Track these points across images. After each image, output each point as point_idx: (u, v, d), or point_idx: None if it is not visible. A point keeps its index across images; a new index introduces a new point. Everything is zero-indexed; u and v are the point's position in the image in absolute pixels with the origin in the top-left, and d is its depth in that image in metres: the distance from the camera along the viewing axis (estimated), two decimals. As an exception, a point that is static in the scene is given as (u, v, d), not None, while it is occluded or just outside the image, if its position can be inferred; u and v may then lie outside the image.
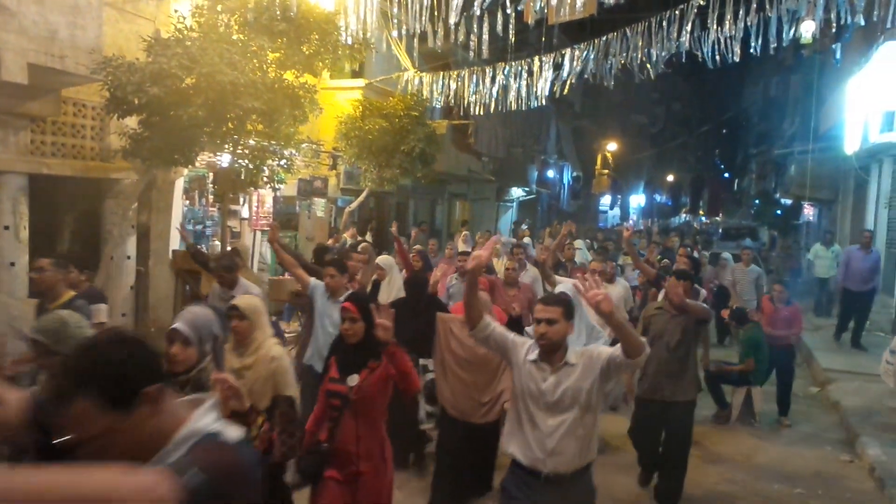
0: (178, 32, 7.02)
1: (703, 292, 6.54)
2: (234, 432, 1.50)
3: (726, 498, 5.33)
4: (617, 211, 41.73)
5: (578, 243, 13.33)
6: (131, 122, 7.12)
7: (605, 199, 39.14)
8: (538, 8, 8.40)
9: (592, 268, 6.50)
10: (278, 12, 7.79)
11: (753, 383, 7.15)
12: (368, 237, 12.16)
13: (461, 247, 11.36)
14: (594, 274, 5.73)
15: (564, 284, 6.05)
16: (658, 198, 51.71)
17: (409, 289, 5.55)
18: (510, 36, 8.61)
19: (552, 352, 3.05)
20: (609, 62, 9.20)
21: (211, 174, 9.72)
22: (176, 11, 7.82)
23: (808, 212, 22.54)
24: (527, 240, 13.91)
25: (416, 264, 7.47)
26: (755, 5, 7.66)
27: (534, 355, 3.09)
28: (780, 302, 7.69)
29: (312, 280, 5.21)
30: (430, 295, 5.27)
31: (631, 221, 32.93)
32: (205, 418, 1.49)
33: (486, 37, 8.74)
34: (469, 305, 3.13)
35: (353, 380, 3.31)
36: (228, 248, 8.00)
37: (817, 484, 5.71)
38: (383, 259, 6.70)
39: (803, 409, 7.74)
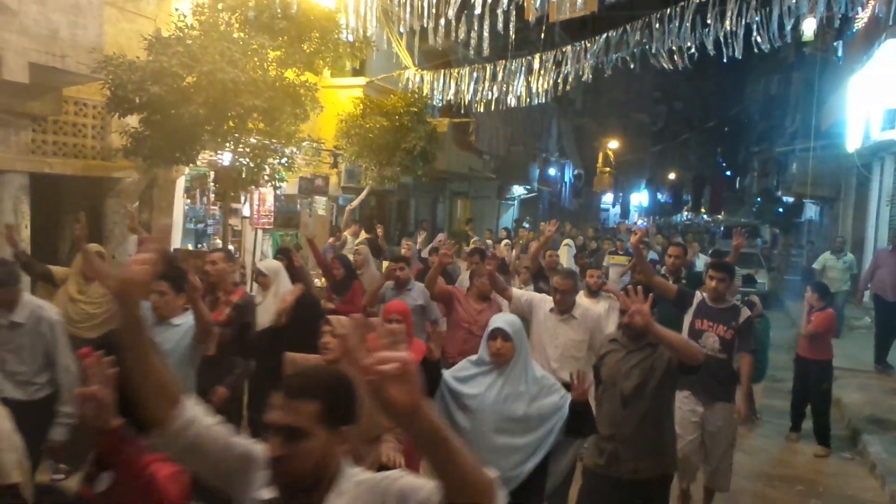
0: (179, 31, 7.02)
1: (746, 311, 4.70)
2: None
3: (727, 495, 5.33)
4: (619, 209, 41.72)
5: (567, 242, 11.60)
6: (132, 120, 7.12)
7: (607, 198, 39.14)
8: (539, 5, 8.39)
9: (555, 285, 4.60)
10: (279, 10, 7.79)
11: (754, 380, 7.12)
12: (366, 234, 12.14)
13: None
14: (556, 293, 4.44)
15: (527, 300, 4.68)
16: (660, 196, 51.71)
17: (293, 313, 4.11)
18: (511, 34, 8.61)
19: (295, 488, 1.55)
20: (610, 57, 9.20)
21: (212, 173, 9.72)
22: (177, 10, 7.83)
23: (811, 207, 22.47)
24: (506, 242, 12.11)
25: (337, 273, 6.18)
26: (755, 2, 7.65)
27: (266, 492, 1.62)
28: (816, 309, 6.36)
29: None
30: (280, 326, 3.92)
31: (640, 222, 25.50)
32: None
33: (486, 34, 8.74)
34: (139, 383, 1.56)
35: (103, 481, 2.09)
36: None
37: (818, 481, 5.71)
38: (267, 264, 5.35)
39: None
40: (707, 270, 4.93)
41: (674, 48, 8.42)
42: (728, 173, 54.85)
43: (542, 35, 10.91)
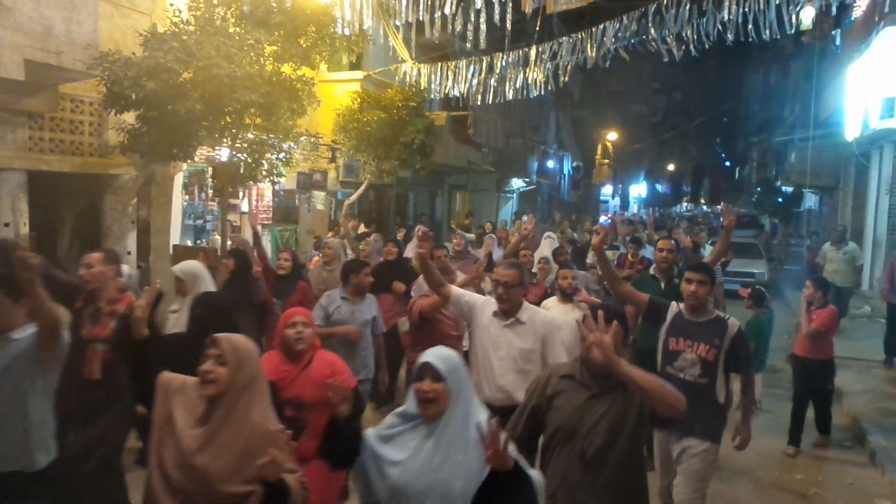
0: (175, 26, 7.00)
1: (735, 323, 3.80)
2: None
3: (726, 485, 5.35)
4: (618, 200, 41.72)
5: (548, 235, 9.90)
6: (129, 117, 7.11)
7: (607, 189, 39.13)
8: (535, -4, 8.37)
9: (496, 276, 3.72)
10: (274, 4, 7.78)
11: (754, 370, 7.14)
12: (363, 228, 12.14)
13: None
14: (497, 286, 3.60)
15: (468, 302, 3.82)
16: (659, 187, 51.73)
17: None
18: (507, 25, 8.59)
19: None
20: (609, 48, 9.16)
21: (210, 168, 9.72)
22: (172, 5, 7.81)
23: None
24: (490, 235, 10.53)
25: (284, 266, 5.83)
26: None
27: None
28: (815, 306, 6.01)
29: None
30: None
31: (605, 218, 20.94)
32: None
33: (483, 27, 8.71)
34: None
35: None
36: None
37: (818, 470, 5.73)
38: (183, 267, 4.54)
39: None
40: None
41: (670, 39, 8.39)
42: (727, 164, 54.83)
43: (538, 26, 10.87)
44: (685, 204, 53.54)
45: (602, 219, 12.88)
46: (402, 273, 6.32)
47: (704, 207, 49.54)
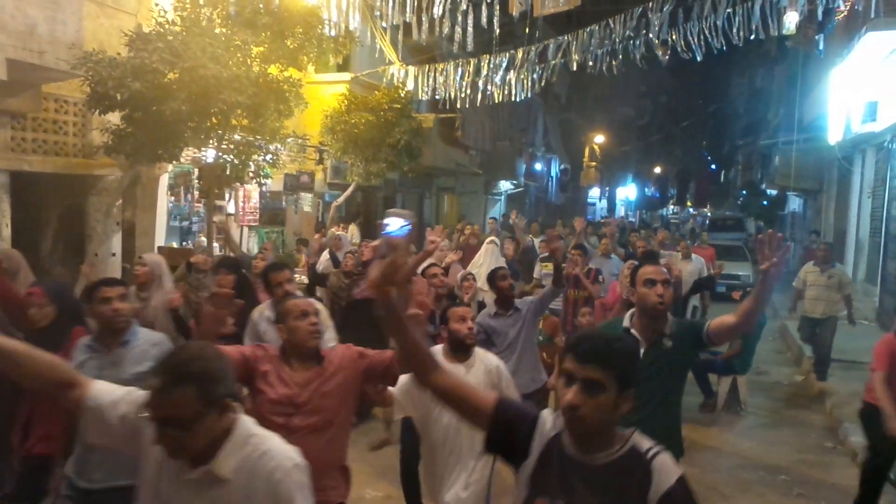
0: (160, 26, 6.96)
1: (667, 465, 1.56)
2: None
3: (711, 485, 5.38)
4: (605, 203, 41.94)
5: (492, 239, 8.07)
6: (113, 117, 7.06)
7: (594, 192, 39.31)
8: None
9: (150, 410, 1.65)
10: (261, 5, 7.76)
11: (738, 372, 7.21)
12: (354, 230, 12.11)
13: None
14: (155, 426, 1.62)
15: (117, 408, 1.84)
16: (646, 190, 52.08)
17: None
18: (495, 28, 8.62)
19: None
20: (594, 52, 9.23)
21: (196, 170, 9.66)
22: (157, 5, 7.76)
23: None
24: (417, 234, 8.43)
25: (40, 315, 2.96)
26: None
27: None
28: None
29: None
30: None
31: (624, 214, 15.35)
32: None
33: (470, 29, 8.74)
34: None
35: None
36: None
37: (801, 470, 5.78)
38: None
39: (788, 397, 7.82)
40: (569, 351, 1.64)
41: (657, 41, 8.47)
42: (713, 167, 55.28)
43: (527, 30, 10.91)
44: (671, 206, 53.99)
45: (392, 224, 1.91)
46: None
47: (691, 210, 49.96)
